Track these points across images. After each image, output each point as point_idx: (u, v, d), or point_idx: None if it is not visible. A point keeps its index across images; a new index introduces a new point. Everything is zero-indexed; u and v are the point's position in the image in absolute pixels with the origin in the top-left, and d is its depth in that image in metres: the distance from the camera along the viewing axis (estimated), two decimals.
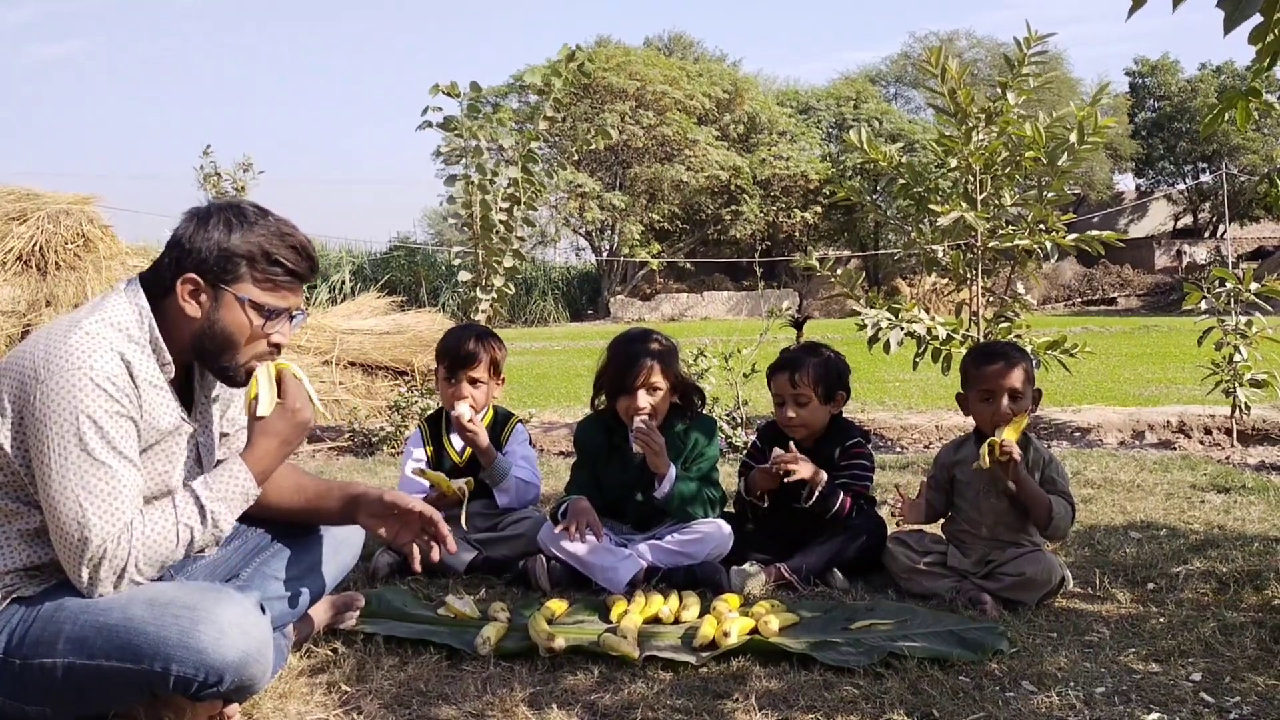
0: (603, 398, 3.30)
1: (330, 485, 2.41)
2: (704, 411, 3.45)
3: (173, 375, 2.08)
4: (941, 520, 3.10)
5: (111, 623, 1.90)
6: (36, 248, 6.93)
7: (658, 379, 3.17)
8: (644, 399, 3.15)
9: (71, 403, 1.90)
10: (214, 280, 2.03)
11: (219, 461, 2.26)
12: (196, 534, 2.00)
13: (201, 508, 2.01)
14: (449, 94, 5.41)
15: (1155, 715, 2.04)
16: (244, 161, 7.33)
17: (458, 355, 3.34)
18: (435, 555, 2.31)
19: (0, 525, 1.98)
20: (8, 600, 1.96)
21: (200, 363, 2.14)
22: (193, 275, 2.02)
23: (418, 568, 2.30)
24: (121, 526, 1.92)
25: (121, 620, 1.90)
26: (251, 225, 2.05)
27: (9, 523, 1.98)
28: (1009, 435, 2.81)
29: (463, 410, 3.27)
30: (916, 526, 3.17)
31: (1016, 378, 2.91)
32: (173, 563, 2.00)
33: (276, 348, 2.14)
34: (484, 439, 3.31)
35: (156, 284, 2.06)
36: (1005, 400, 2.90)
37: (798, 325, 3.63)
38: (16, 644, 1.93)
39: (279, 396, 2.13)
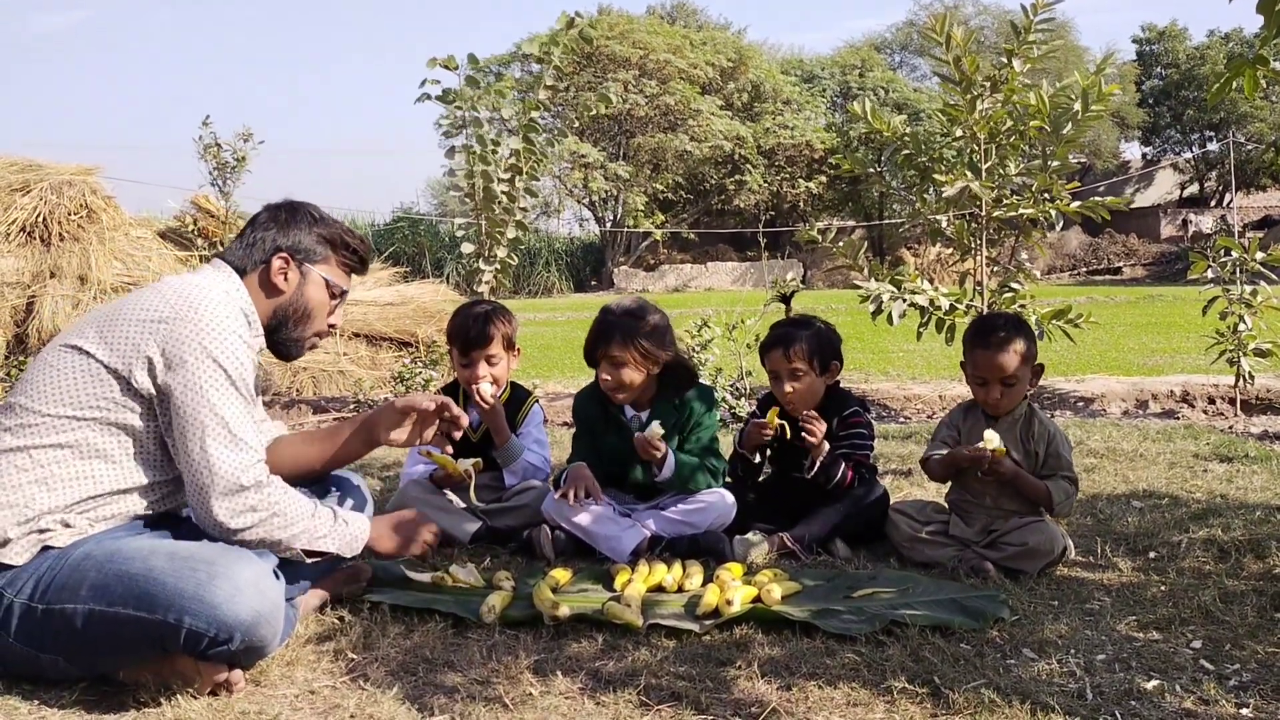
0: None
1: (338, 425, 2.56)
2: (701, 381, 3.43)
3: (262, 345, 2.36)
4: (946, 488, 3.12)
5: (133, 572, 1.96)
6: (40, 219, 6.92)
7: (618, 352, 3.07)
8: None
9: (219, 344, 2.12)
10: (303, 260, 2.36)
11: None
12: (322, 518, 2.26)
13: (334, 513, 2.31)
14: (446, 67, 5.36)
15: (1155, 682, 2.05)
16: (244, 132, 7.27)
17: (469, 337, 3.30)
18: (461, 426, 2.56)
19: (61, 462, 2.06)
20: (40, 548, 2.02)
21: (272, 336, 2.38)
22: (285, 254, 2.34)
23: (449, 449, 2.63)
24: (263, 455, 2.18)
25: (142, 570, 1.97)
26: (326, 221, 2.43)
27: (70, 461, 2.07)
28: (998, 452, 2.80)
29: (484, 389, 3.27)
30: (918, 498, 3.18)
31: (1010, 363, 2.87)
32: (301, 535, 2.20)
33: (332, 328, 2.46)
34: (502, 420, 3.33)
35: (238, 265, 2.33)
36: (998, 389, 2.90)
37: (785, 300, 3.61)
38: (43, 591, 1.99)
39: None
